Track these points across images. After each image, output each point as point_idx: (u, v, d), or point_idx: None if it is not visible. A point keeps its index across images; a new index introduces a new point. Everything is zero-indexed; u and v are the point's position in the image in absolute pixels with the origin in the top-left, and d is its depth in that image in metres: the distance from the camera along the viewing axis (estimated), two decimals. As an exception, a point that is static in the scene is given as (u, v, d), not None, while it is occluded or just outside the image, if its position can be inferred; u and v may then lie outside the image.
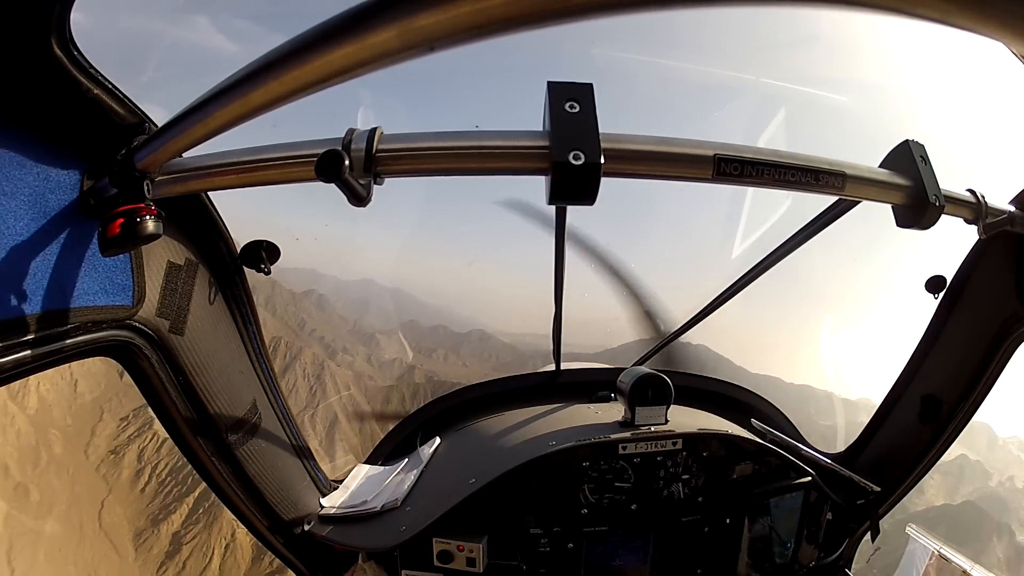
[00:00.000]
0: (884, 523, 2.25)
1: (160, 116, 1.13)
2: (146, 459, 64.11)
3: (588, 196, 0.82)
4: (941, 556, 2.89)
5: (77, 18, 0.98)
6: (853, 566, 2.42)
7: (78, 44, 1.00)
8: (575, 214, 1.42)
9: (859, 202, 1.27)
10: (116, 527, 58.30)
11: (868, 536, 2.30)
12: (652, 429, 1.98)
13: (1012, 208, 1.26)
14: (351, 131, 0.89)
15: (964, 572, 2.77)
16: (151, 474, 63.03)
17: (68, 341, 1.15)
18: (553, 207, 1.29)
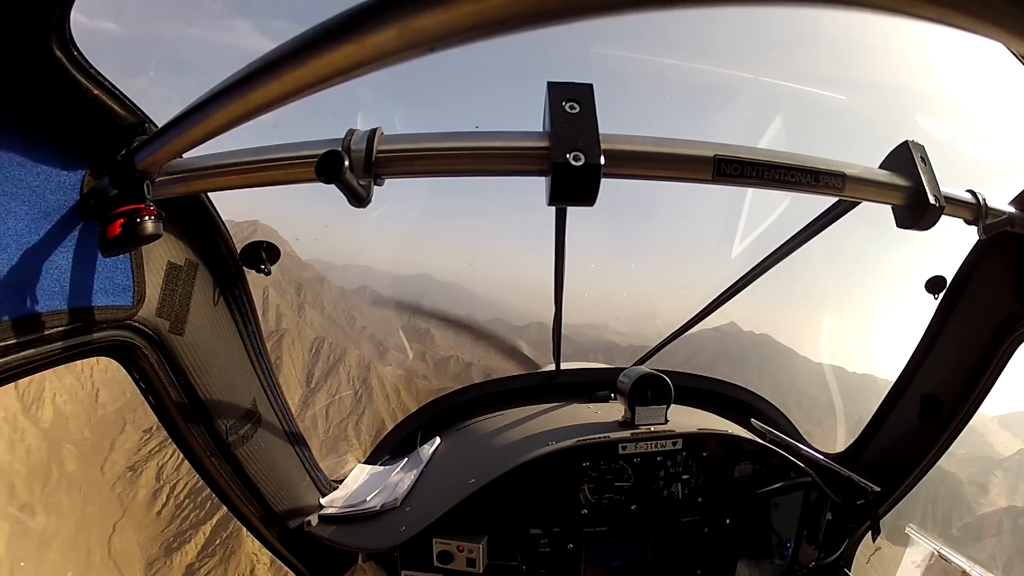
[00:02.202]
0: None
1: (160, 116, 1.13)
2: (165, 477, 60.10)
3: (588, 197, 0.82)
4: (941, 556, 2.90)
5: (77, 18, 0.98)
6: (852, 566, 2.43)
7: (78, 44, 1.00)
8: (575, 214, 1.43)
9: (859, 203, 1.27)
10: (127, 554, 54.25)
11: (868, 536, 2.30)
12: (652, 429, 1.98)
13: (1012, 208, 1.26)
14: (351, 132, 0.89)
15: (964, 572, 2.77)
16: (169, 495, 58.94)
17: (68, 341, 1.15)
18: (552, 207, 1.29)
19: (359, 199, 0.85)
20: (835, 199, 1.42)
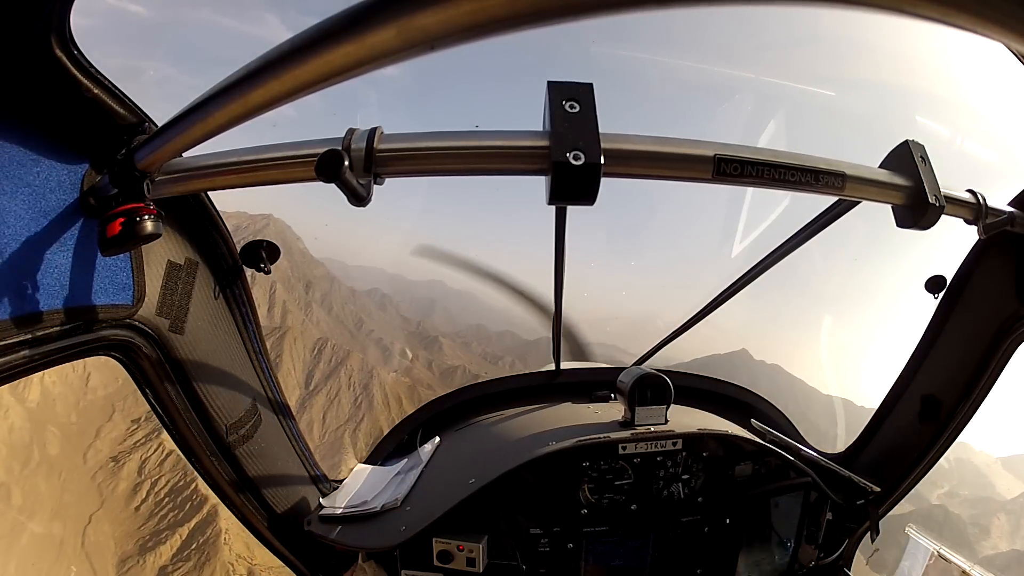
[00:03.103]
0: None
1: (160, 116, 1.14)
2: (147, 472, 57.01)
3: (588, 196, 0.82)
4: (941, 556, 2.90)
5: (77, 18, 0.98)
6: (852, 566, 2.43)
7: (78, 44, 1.00)
8: (575, 214, 1.42)
9: (859, 202, 1.27)
10: (100, 548, 50.91)
11: (868, 536, 2.30)
12: (652, 429, 1.98)
13: (1012, 208, 1.26)
14: (351, 131, 0.89)
15: (964, 572, 2.77)
16: (149, 491, 55.58)
17: (68, 340, 1.15)
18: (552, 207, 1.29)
19: (359, 198, 0.85)
20: (835, 199, 1.42)
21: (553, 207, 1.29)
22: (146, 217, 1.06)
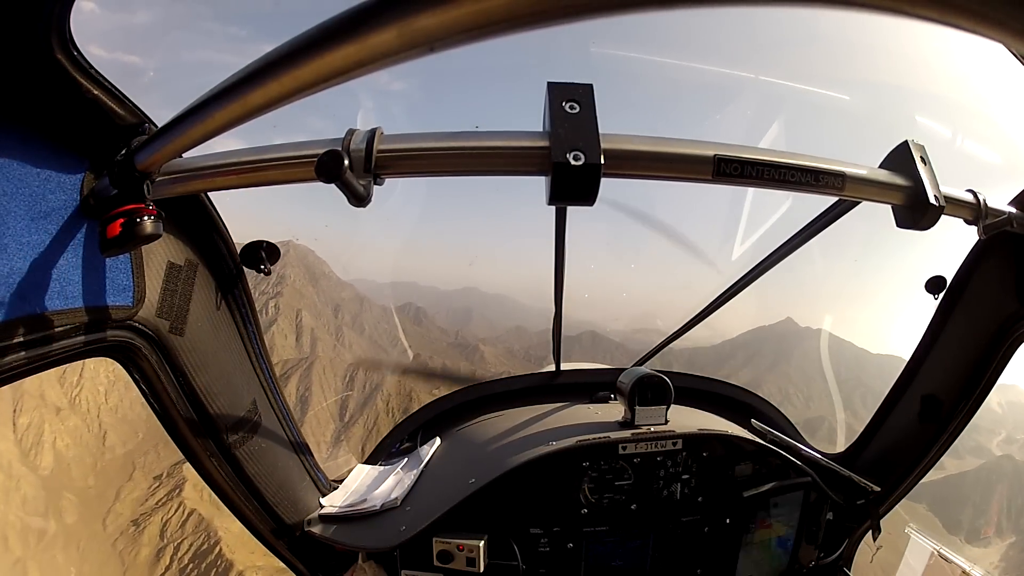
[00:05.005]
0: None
1: (160, 116, 1.13)
2: (169, 535, 53.34)
3: (588, 197, 0.82)
4: (941, 556, 2.90)
5: (77, 19, 0.98)
6: (852, 566, 2.42)
7: (78, 45, 1.00)
8: (575, 213, 1.42)
9: (859, 202, 1.27)
10: None
11: (869, 536, 2.30)
12: (652, 429, 1.98)
13: (1012, 208, 1.26)
14: (351, 131, 0.89)
15: (964, 572, 2.77)
16: (172, 556, 51.74)
17: (68, 341, 1.15)
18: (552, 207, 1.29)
19: (359, 198, 0.85)
20: (835, 199, 1.42)
21: (553, 208, 1.29)
22: (146, 218, 1.06)
